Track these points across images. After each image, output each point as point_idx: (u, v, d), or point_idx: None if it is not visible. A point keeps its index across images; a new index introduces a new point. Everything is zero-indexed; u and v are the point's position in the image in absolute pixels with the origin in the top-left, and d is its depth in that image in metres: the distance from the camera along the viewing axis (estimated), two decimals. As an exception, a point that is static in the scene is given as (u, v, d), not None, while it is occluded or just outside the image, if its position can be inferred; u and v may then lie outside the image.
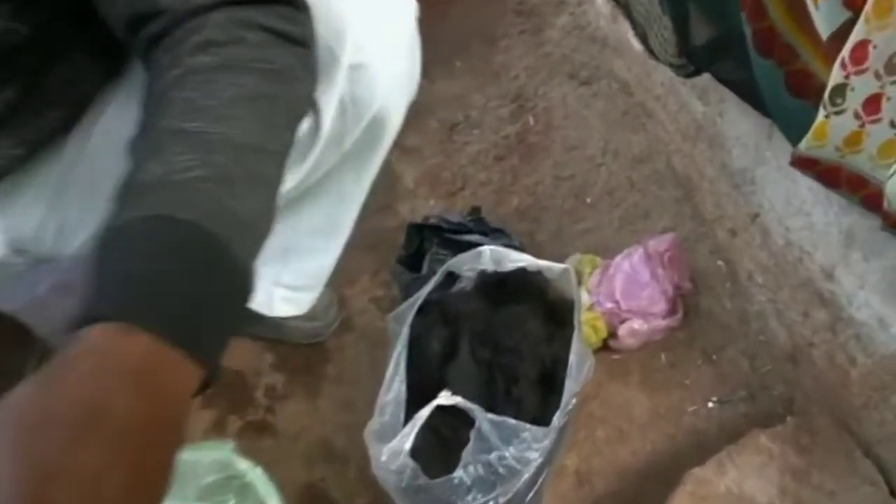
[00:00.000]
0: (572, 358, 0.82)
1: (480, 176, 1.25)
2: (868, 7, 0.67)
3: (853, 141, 0.77)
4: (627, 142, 1.28)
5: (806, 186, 0.92)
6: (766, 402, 0.98)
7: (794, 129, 0.82)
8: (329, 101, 0.69)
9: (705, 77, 1.00)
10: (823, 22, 0.73)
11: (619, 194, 1.22)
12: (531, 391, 0.85)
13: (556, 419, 0.80)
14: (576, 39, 1.43)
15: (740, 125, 1.02)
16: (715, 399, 1.00)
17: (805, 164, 0.81)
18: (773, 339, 1.04)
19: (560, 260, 0.96)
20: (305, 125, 0.70)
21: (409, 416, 0.80)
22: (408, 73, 0.74)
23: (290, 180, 0.75)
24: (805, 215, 0.93)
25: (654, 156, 1.25)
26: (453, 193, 1.24)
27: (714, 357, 1.04)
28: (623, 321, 1.02)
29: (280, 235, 0.70)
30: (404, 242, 1.07)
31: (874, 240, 0.82)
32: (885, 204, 0.75)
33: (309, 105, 0.63)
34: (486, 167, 1.25)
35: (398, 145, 0.84)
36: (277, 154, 0.52)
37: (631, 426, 0.99)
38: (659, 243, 1.05)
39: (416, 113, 0.80)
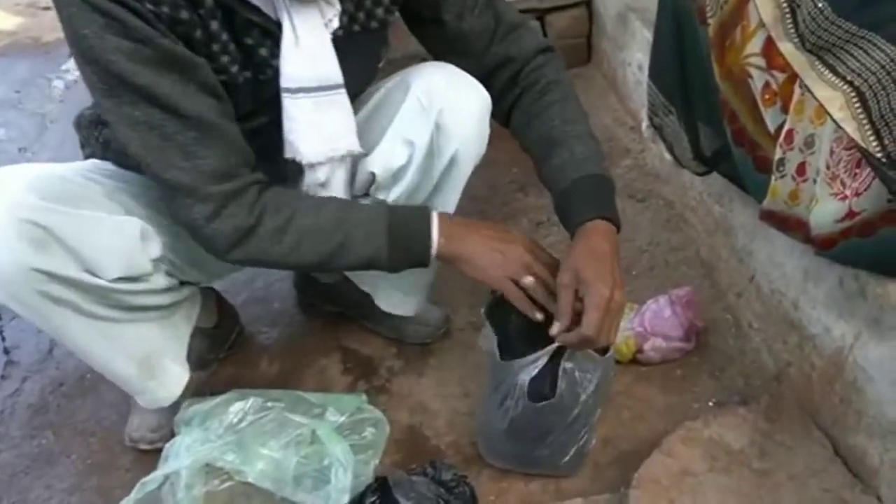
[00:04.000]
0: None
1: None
2: (791, 109, 1.14)
3: (793, 196, 1.20)
4: (667, 238, 1.72)
5: (779, 246, 1.33)
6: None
7: (761, 194, 1.26)
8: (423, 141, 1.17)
9: (721, 184, 1.47)
10: (770, 121, 1.20)
11: (657, 271, 1.65)
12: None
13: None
14: (636, 173, 1.94)
15: (742, 216, 1.46)
16: (714, 400, 1.34)
17: (767, 217, 1.25)
18: (764, 365, 1.40)
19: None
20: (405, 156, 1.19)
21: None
22: (477, 139, 1.21)
23: (394, 193, 1.22)
24: (778, 266, 1.34)
25: (686, 247, 1.68)
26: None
27: (717, 374, 1.39)
28: (648, 341, 1.41)
29: None
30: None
31: (819, 269, 1.22)
32: (813, 231, 1.17)
33: None
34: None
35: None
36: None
37: (650, 412, 1.33)
38: (679, 292, 1.45)
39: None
